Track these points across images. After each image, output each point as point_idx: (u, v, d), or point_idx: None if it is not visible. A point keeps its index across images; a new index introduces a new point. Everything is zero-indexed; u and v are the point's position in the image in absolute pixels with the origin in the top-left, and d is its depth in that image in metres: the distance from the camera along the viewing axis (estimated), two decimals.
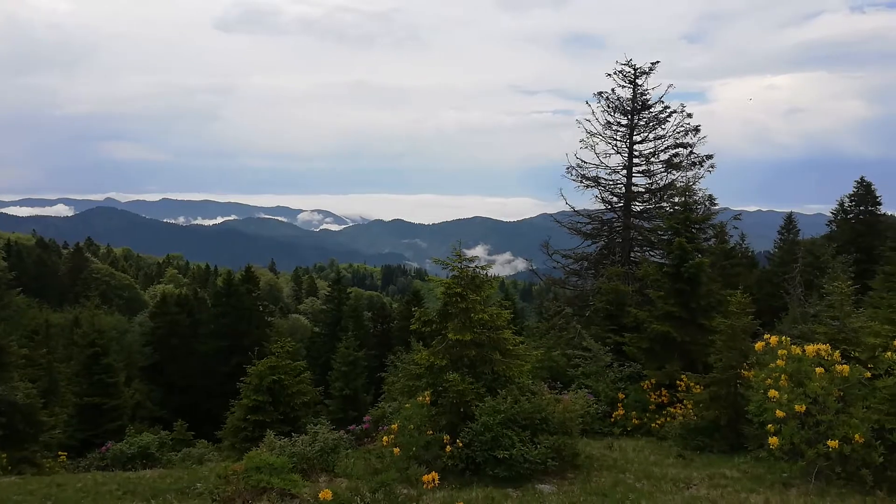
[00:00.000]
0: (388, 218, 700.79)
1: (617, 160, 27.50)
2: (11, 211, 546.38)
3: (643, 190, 27.48)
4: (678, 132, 26.63)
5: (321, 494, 8.08)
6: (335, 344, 37.84)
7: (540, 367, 17.98)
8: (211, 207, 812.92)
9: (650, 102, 26.91)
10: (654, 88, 26.82)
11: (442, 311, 12.02)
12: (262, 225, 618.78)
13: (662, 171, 27.07)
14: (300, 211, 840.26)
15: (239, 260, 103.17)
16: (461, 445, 10.61)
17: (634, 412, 16.30)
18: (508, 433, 10.53)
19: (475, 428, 10.61)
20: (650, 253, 26.65)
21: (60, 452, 19.51)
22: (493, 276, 16.89)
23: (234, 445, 18.61)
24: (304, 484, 9.57)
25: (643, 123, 27.10)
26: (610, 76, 27.14)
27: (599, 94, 27.43)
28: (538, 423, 11.02)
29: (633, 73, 26.86)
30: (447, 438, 10.79)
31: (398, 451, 10.98)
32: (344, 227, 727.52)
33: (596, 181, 27.77)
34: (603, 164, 27.60)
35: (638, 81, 26.88)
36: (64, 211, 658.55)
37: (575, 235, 28.22)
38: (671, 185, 26.58)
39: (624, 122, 27.29)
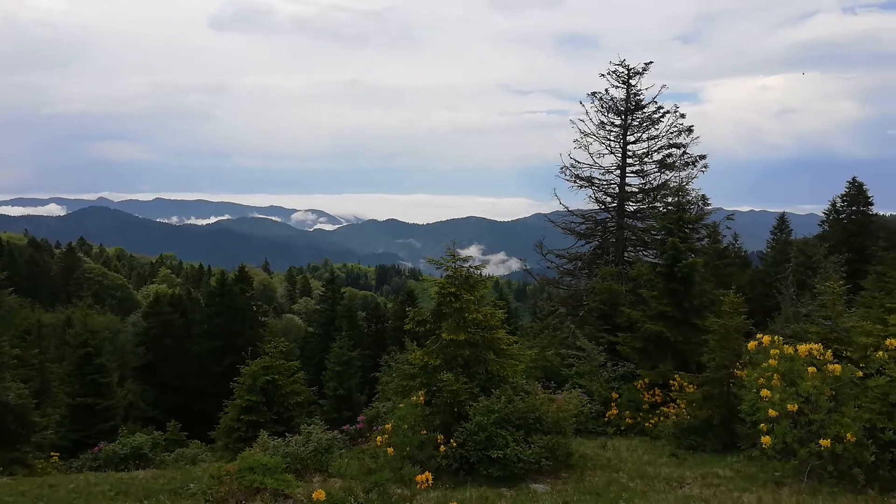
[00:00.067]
0: (382, 218, 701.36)
1: (610, 160, 27.63)
2: (3, 210, 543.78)
3: (637, 190, 27.55)
4: (671, 132, 26.71)
5: (315, 494, 8.07)
6: (329, 344, 37.79)
7: (534, 366, 17.97)
8: (204, 207, 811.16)
9: (643, 103, 26.99)
10: (647, 89, 26.92)
11: (436, 310, 12.02)
12: (255, 225, 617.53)
13: (656, 171, 27.13)
14: (294, 211, 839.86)
15: (232, 260, 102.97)
16: (455, 445, 10.61)
17: (628, 411, 16.35)
18: (502, 433, 10.53)
19: (469, 428, 10.61)
20: (644, 253, 26.71)
21: (52, 453, 19.35)
22: (487, 275, 16.89)
23: (227, 446, 18.57)
24: (297, 484, 9.56)
25: (637, 124, 27.17)
26: (603, 76, 27.24)
27: (593, 94, 27.50)
28: (532, 422, 11.02)
29: (626, 73, 26.93)
30: (441, 438, 10.80)
31: (392, 451, 10.96)
32: (338, 226, 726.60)
33: (590, 181, 27.84)
34: (597, 164, 27.69)
35: (631, 82, 26.96)
36: (56, 210, 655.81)
37: (569, 235, 28.26)
38: (664, 185, 26.66)
39: (617, 122, 27.38)
